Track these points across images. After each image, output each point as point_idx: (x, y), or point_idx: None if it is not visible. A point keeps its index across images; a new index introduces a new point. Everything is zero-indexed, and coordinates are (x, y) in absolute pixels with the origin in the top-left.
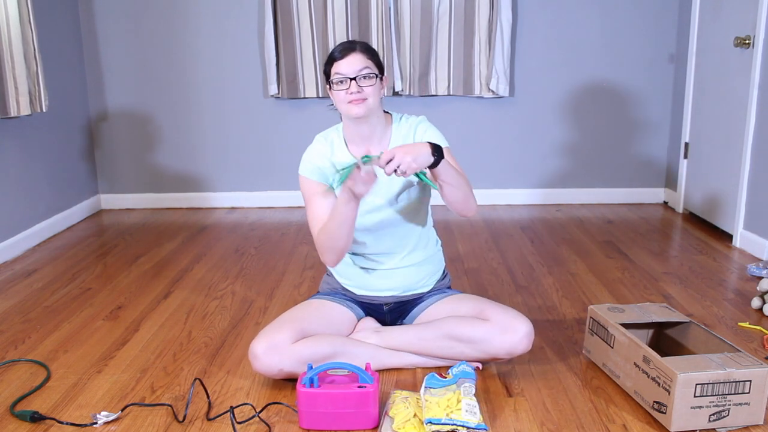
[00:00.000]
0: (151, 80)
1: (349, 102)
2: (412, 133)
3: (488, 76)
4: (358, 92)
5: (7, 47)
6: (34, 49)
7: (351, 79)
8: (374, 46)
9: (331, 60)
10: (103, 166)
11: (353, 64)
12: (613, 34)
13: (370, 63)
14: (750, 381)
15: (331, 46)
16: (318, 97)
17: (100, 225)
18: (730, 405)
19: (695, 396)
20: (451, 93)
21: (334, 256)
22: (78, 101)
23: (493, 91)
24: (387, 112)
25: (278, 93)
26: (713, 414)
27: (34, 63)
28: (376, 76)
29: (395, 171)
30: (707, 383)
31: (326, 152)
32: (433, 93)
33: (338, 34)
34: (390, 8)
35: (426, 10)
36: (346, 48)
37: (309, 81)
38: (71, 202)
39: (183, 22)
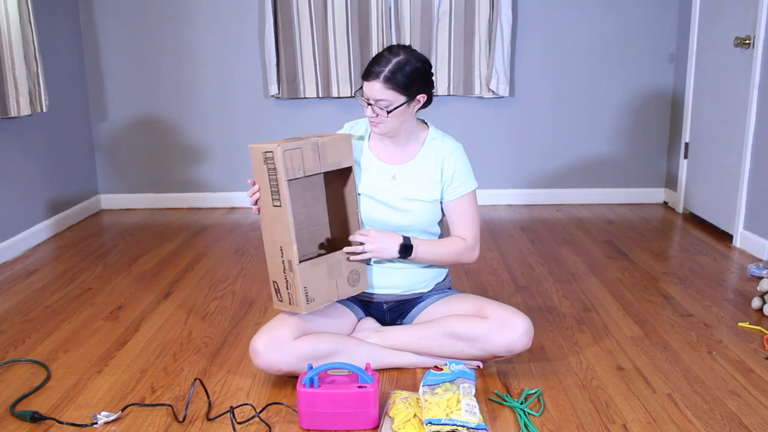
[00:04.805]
0: (151, 80)
1: (370, 120)
2: (440, 165)
3: (488, 76)
4: (375, 116)
5: (7, 47)
6: (34, 49)
7: (369, 104)
8: (374, 46)
9: (365, 71)
10: (103, 166)
11: (371, 90)
12: (613, 34)
13: (389, 94)
14: None
15: (331, 46)
16: (318, 97)
17: (100, 225)
18: None
19: None
20: (451, 93)
21: None
22: (78, 101)
23: (493, 91)
24: (424, 122)
25: (278, 93)
26: None
27: (34, 63)
28: (395, 108)
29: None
30: None
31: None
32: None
33: (338, 34)
34: (390, 8)
35: (426, 10)
36: (373, 72)
37: (309, 81)
38: (71, 202)
39: (183, 22)
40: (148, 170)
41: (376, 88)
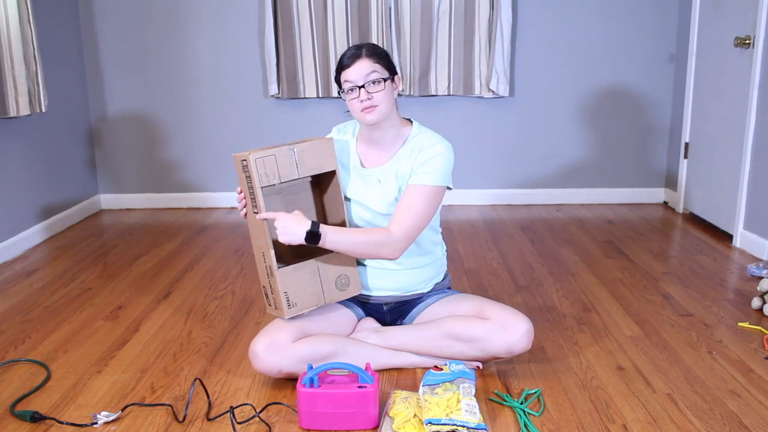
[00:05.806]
0: (151, 80)
1: (362, 110)
2: (414, 155)
3: (488, 76)
4: (369, 99)
5: (7, 47)
6: (34, 49)
7: (360, 86)
8: None
9: (340, 68)
10: (103, 166)
11: (361, 70)
12: (613, 34)
13: (377, 66)
14: None
15: (332, 46)
16: (318, 97)
17: (100, 225)
18: None
19: None
20: (452, 93)
21: None
22: (78, 101)
23: (493, 91)
24: (409, 120)
25: (278, 93)
26: None
27: (34, 63)
28: (385, 79)
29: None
30: None
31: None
32: (434, 93)
33: (338, 34)
34: (390, 8)
35: (426, 10)
36: (353, 55)
37: (309, 81)
38: (71, 202)
39: (183, 22)
40: (148, 170)
41: (364, 65)
